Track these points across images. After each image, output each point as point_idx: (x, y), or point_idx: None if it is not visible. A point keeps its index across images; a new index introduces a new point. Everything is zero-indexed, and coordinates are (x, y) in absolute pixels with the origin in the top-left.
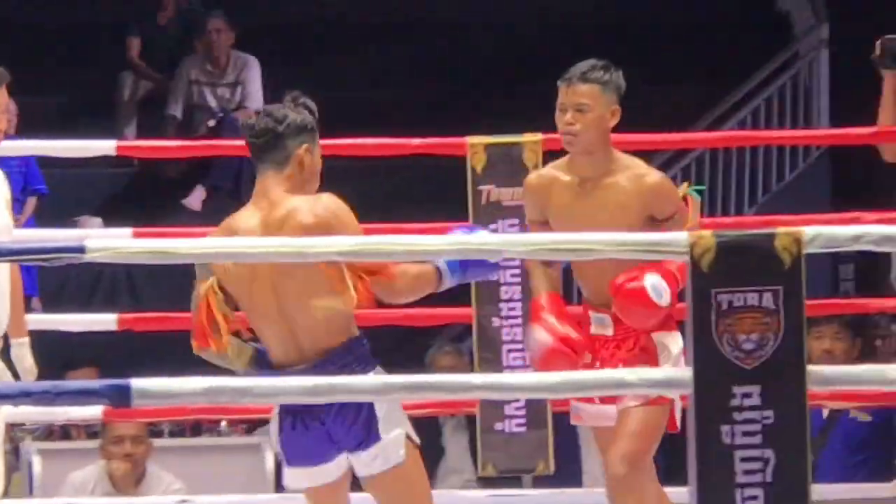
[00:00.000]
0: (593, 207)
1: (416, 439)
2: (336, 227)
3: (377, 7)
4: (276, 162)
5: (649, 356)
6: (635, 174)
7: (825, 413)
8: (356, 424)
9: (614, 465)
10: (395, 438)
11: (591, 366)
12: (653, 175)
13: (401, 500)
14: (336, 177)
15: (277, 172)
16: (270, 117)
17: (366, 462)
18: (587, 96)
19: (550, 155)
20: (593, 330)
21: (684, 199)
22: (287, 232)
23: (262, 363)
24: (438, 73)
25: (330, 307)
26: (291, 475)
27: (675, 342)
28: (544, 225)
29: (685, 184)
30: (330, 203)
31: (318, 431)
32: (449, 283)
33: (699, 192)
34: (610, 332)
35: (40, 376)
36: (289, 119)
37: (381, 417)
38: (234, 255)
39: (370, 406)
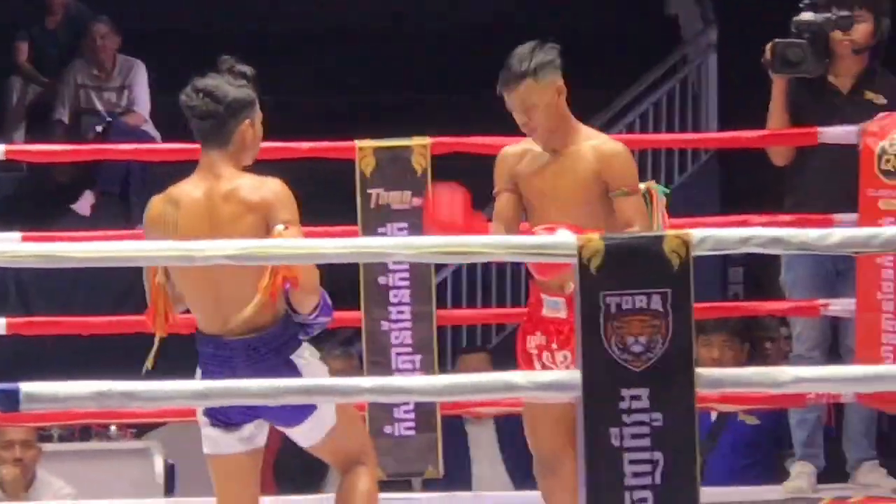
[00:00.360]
0: (557, 175)
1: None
2: (278, 209)
3: (262, 17)
4: (220, 141)
5: None
6: (596, 143)
7: (713, 416)
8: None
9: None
10: (324, 411)
11: (547, 347)
12: (612, 143)
13: (346, 452)
14: None
15: (222, 150)
16: (211, 98)
17: (304, 433)
18: (525, 94)
19: (439, 159)
20: (546, 312)
21: (649, 192)
22: (230, 206)
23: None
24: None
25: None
26: (208, 437)
27: None
28: (512, 192)
29: (652, 181)
30: (276, 186)
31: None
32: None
33: (665, 193)
34: (563, 314)
35: None
36: (229, 98)
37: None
38: (123, 259)
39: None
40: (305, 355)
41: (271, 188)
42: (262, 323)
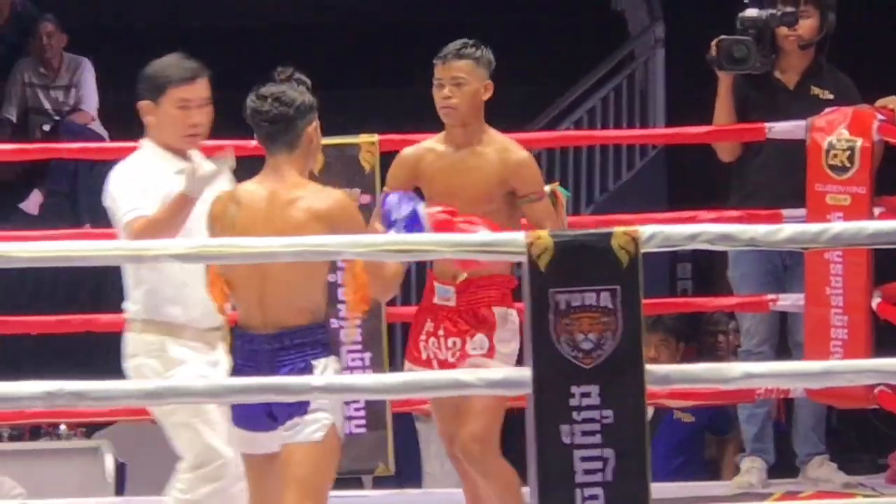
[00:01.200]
0: (461, 173)
1: (341, 436)
2: (342, 221)
3: (207, 13)
4: (288, 144)
5: (489, 326)
6: (503, 148)
7: (649, 414)
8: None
9: (466, 445)
10: (319, 418)
11: (433, 333)
12: (519, 152)
13: (301, 478)
14: None
15: (289, 153)
16: (280, 102)
17: (286, 429)
18: (463, 70)
19: (385, 157)
20: (436, 300)
21: (554, 194)
22: (295, 212)
23: None
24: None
25: (304, 288)
26: (232, 434)
27: (514, 316)
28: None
29: (555, 182)
30: (341, 197)
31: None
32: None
33: (567, 196)
34: (452, 302)
35: None
36: (297, 102)
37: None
38: (71, 258)
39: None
40: (329, 368)
41: (337, 198)
42: (294, 322)
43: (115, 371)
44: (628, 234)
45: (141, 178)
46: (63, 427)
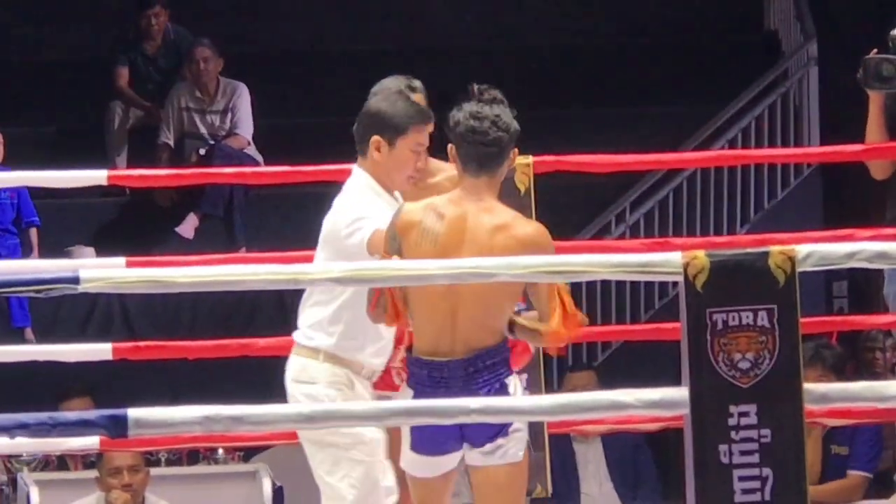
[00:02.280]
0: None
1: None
2: (544, 248)
3: (366, 34)
4: (497, 167)
5: None
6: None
7: None
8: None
9: None
10: (520, 437)
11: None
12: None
13: (510, 499)
14: (308, 202)
15: (492, 177)
16: (499, 127)
17: (487, 451)
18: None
19: (541, 177)
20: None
21: None
22: (502, 238)
23: None
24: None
25: (499, 313)
26: (410, 459)
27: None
28: None
29: None
30: (543, 229)
31: (452, 426)
32: None
33: None
34: None
35: (35, 407)
36: (512, 127)
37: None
38: (227, 282)
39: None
40: (518, 385)
41: (540, 228)
42: (487, 343)
43: (272, 395)
44: (785, 253)
45: (370, 205)
46: (221, 451)
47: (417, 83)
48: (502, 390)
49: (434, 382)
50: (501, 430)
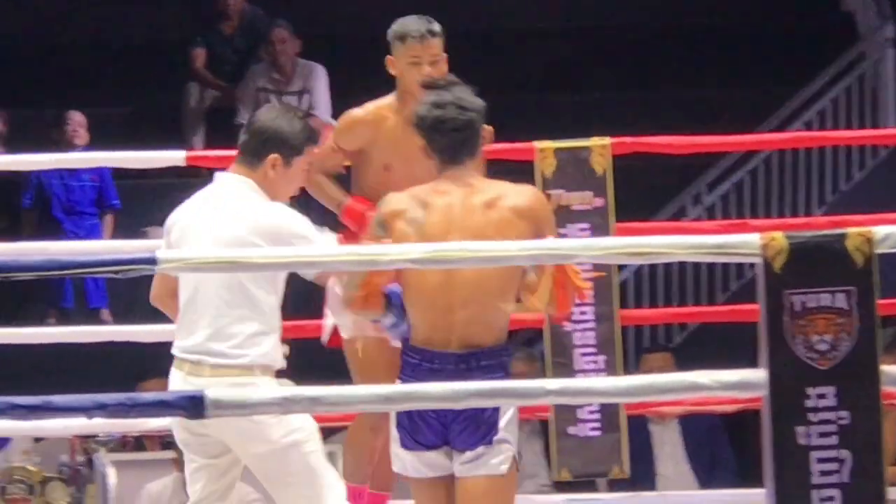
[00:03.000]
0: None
1: (520, 465)
2: (544, 216)
3: (445, 18)
4: (471, 150)
5: None
6: None
7: None
8: (478, 428)
9: None
10: (504, 450)
11: None
12: None
13: None
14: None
15: (473, 158)
16: (463, 108)
17: (467, 459)
18: (438, 47)
19: (618, 159)
20: None
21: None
22: (496, 213)
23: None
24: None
25: (496, 307)
26: (401, 460)
27: None
28: (345, 152)
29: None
30: (536, 192)
31: (434, 423)
32: None
33: None
34: None
35: (113, 388)
36: (477, 104)
37: (501, 426)
38: (307, 263)
39: (494, 409)
40: None
41: (536, 194)
42: (484, 342)
43: (347, 376)
44: (863, 234)
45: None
46: None
47: (437, 27)
48: None
49: (427, 370)
50: (485, 438)
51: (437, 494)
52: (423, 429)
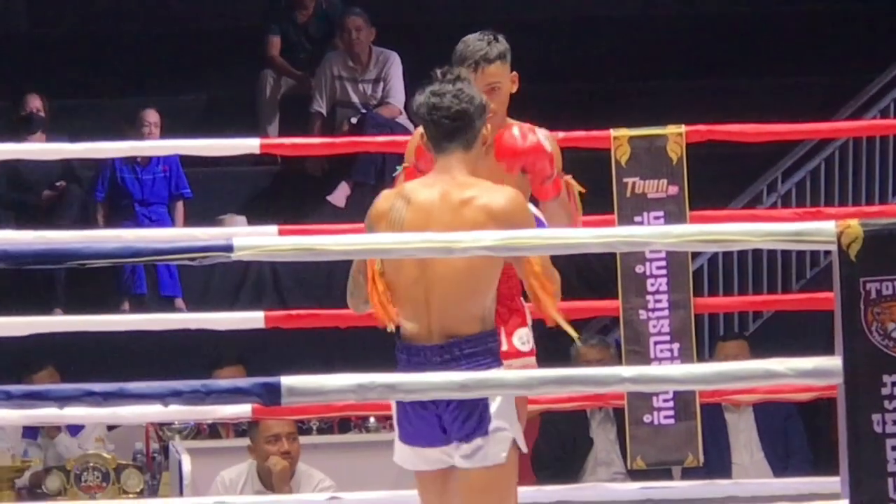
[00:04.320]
0: (486, 160)
1: (524, 447)
2: (519, 221)
3: (515, 6)
4: (465, 142)
5: (523, 319)
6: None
7: None
8: (470, 415)
9: None
10: (502, 437)
11: None
12: (537, 130)
13: (489, 498)
14: None
15: (465, 152)
16: (460, 99)
17: (466, 453)
18: (496, 75)
19: (693, 147)
20: None
21: (567, 185)
22: (471, 212)
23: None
24: (575, 70)
25: (473, 293)
26: (400, 451)
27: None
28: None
29: (569, 175)
30: (515, 195)
31: (430, 416)
32: None
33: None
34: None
35: (188, 376)
36: (476, 99)
37: (493, 412)
38: (380, 251)
39: (484, 400)
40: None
41: (514, 197)
42: (464, 331)
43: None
44: None
45: None
46: (372, 419)
47: (494, 50)
48: None
49: (414, 365)
50: (478, 429)
51: (436, 486)
52: (420, 424)
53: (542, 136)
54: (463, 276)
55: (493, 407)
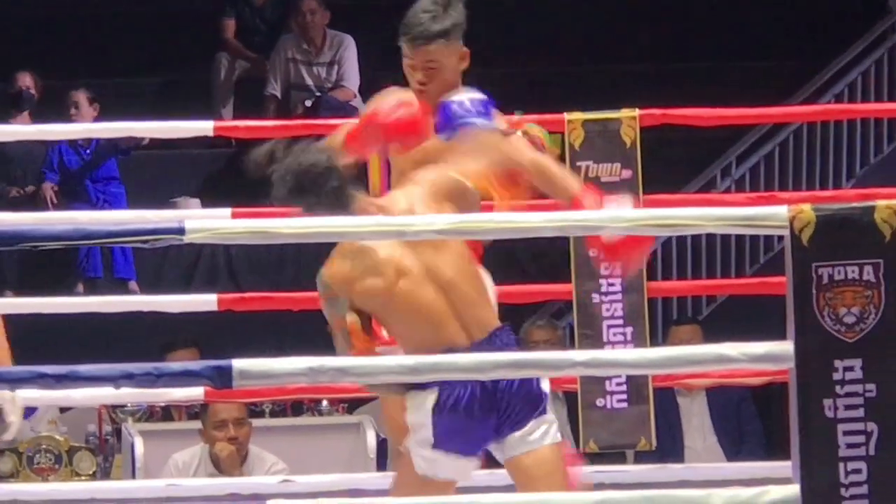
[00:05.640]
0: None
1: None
2: (466, 192)
3: None
4: (335, 205)
5: None
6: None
7: None
8: (531, 398)
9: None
10: (551, 419)
11: None
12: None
13: (555, 477)
14: None
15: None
16: (298, 186)
17: (529, 433)
18: (435, 54)
19: (647, 131)
20: None
21: (526, 134)
22: (427, 188)
23: None
24: (531, 52)
25: (481, 284)
26: (430, 458)
27: None
28: None
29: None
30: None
31: (487, 421)
32: None
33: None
34: None
35: (141, 359)
36: (312, 173)
37: (545, 394)
38: (332, 234)
39: (538, 384)
40: None
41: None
42: (495, 322)
43: None
44: (891, 207)
45: None
46: (325, 403)
47: (437, 26)
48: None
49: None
50: (538, 411)
51: (450, 490)
52: (475, 428)
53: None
54: (465, 273)
55: (546, 388)
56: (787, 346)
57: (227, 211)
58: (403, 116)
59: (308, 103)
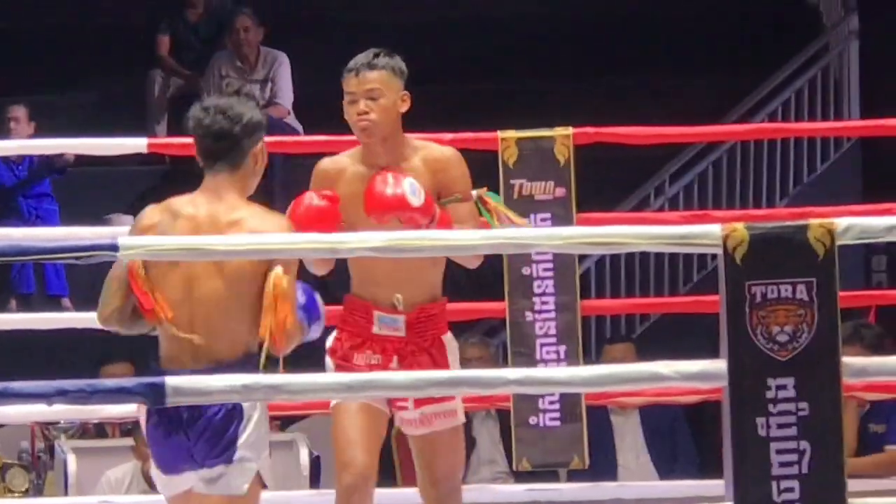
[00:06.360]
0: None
1: (267, 483)
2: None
3: (406, 5)
4: (231, 162)
5: (442, 353)
6: (427, 153)
7: None
8: (218, 441)
9: (442, 483)
10: (246, 469)
11: (383, 366)
12: (445, 150)
13: None
14: None
15: (231, 172)
16: (226, 117)
17: (210, 478)
18: (377, 82)
19: (580, 149)
20: (377, 330)
21: (481, 199)
22: (234, 234)
23: None
24: (465, 70)
25: (240, 320)
26: (157, 479)
27: (454, 341)
28: None
29: (483, 189)
30: (284, 222)
31: (180, 442)
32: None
33: (497, 200)
34: (402, 333)
35: (74, 375)
36: (245, 118)
37: (241, 442)
38: (269, 251)
39: (235, 426)
40: (260, 411)
41: (280, 225)
42: (226, 355)
43: (308, 365)
44: (824, 226)
45: None
46: None
47: (381, 60)
48: (235, 412)
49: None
50: (224, 455)
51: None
52: (171, 453)
53: (409, 185)
54: (226, 292)
55: (242, 437)
56: (720, 365)
57: None
58: (312, 207)
59: None
